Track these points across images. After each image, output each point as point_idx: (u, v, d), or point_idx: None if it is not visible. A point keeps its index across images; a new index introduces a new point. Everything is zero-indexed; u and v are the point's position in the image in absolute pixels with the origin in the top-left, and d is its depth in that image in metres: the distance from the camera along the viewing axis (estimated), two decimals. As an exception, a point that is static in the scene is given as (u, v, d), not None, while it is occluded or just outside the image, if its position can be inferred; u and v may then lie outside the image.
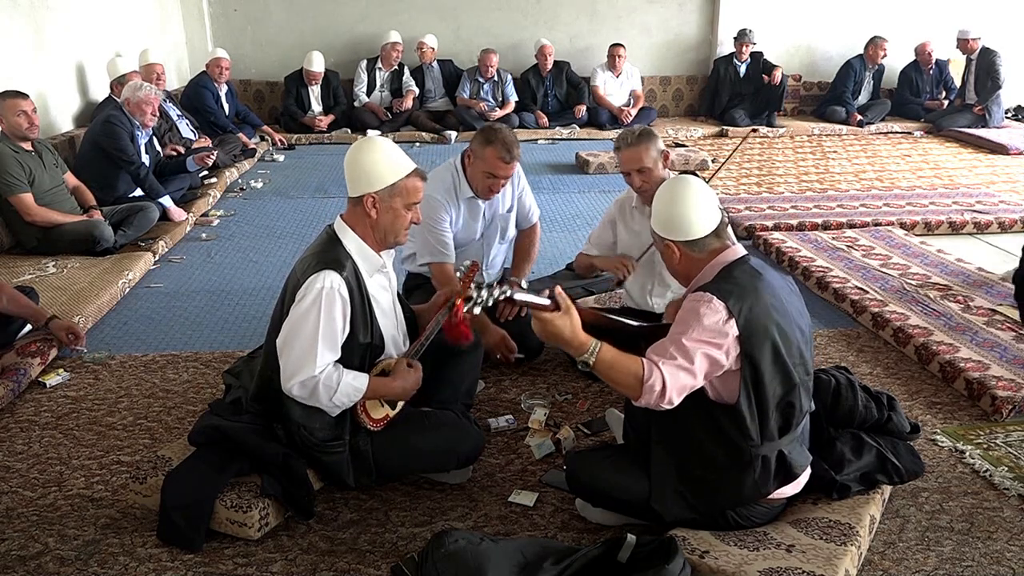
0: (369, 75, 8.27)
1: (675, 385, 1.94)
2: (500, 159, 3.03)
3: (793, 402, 2.09)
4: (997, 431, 2.83)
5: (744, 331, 1.97)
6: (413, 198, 2.35)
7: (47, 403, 3.05)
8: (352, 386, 2.25)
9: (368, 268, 2.35)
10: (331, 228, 2.38)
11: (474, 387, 2.84)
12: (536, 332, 1.99)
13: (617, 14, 8.95)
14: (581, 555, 1.98)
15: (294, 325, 2.23)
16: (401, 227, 2.37)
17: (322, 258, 2.27)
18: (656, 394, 1.93)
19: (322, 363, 2.20)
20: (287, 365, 2.23)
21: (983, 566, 2.17)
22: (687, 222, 2.11)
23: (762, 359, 2.00)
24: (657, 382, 1.93)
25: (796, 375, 2.07)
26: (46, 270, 4.18)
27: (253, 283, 4.32)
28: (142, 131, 5.13)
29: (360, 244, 2.34)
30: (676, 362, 1.94)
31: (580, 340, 1.95)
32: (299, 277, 2.26)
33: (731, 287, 2.02)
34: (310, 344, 2.20)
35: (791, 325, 2.07)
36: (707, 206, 2.13)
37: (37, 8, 5.45)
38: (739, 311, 1.97)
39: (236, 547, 2.23)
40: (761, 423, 2.06)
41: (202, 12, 8.47)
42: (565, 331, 1.94)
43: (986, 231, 5.18)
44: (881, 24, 8.69)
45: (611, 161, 6.86)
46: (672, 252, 2.16)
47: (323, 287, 2.20)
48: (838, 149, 7.74)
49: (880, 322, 3.63)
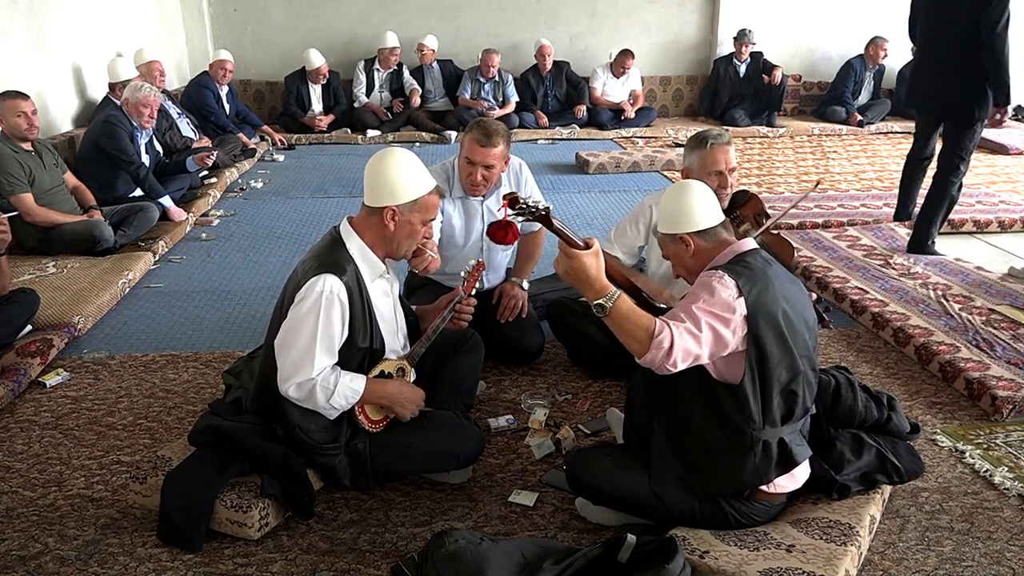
0: (367, 76, 8.27)
1: (681, 346, 1.95)
2: (476, 142, 3.01)
3: (796, 391, 2.10)
4: (997, 431, 2.83)
5: (752, 311, 2.01)
6: (430, 214, 2.37)
7: (47, 403, 3.05)
8: (350, 388, 2.25)
9: (370, 273, 2.35)
10: (336, 230, 2.38)
11: (474, 387, 2.84)
12: (559, 270, 2.01)
13: (617, 14, 8.96)
14: (581, 555, 1.98)
15: (292, 327, 2.22)
16: (414, 241, 2.39)
17: (323, 261, 2.27)
18: (663, 352, 1.94)
19: (319, 366, 2.20)
20: (284, 367, 2.23)
21: (983, 566, 2.17)
22: (697, 212, 2.17)
23: (768, 342, 2.03)
24: (666, 339, 1.93)
25: (801, 364, 2.09)
26: (46, 270, 4.18)
27: (253, 283, 4.32)
28: (141, 131, 5.13)
29: (364, 249, 2.34)
30: (686, 325, 1.98)
31: (602, 283, 1.98)
32: (299, 279, 2.26)
33: (743, 270, 2.06)
34: (308, 347, 2.19)
35: (798, 316, 2.10)
36: (712, 201, 2.22)
37: (37, 8, 5.44)
38: (749, 291, 2.01)
39: (236, 547, 2.23)
40: (764, 406, 2.07)
41: (202, 12, 8.47)
42: (591, 270, 1.96)
43: (985, 231, 5.18)
44: (881, 24, 8.69)
45: (611, 161, 6.87)
46: (685, 247, 2.19)
47: (322, 290, 2.20)
48: (838, 149, 7.75)
49: (880, 322, 3.63)
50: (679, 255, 2.23)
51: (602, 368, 3.17)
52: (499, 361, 3.25)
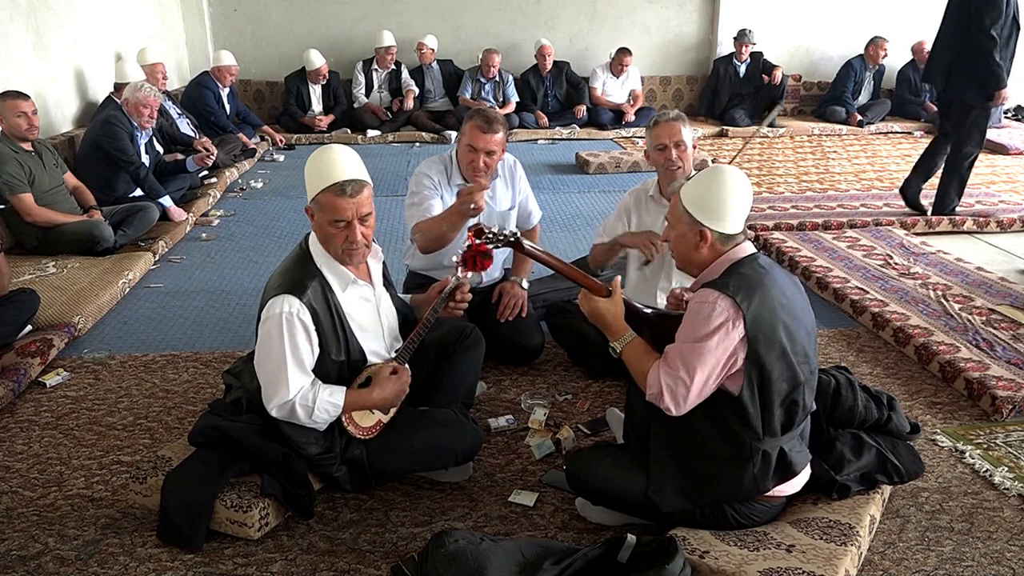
0: (366, 76, 8.28)
1: (671, 396, 2.02)
2: (477, 128, 3.03)
3: (797, 400, 2.09)
4: (997, 431, 2.83)
5: (751, 330, 1.98)
6: (332, 215, 2.19)
7: (47, 403, 3.05)
8: (329, 402, 2.24)
9: (340, 283, 2.31)
10: (304, 241, 2.34)
11: (474, 387, 2.84)
12: (582, 308, 2.21)
13: (617, 14, 8.96)
14: (581, 555, 1.98)
15: (262, 348, 2.23)
16: (336, 245, 2.23)
17: (286, 279, 2.24)
18: (654, 397, 2.06)
19: (295, 386, 2.20)
20: (264, 388, 2.24)
21: (983, 566, 2.17)
22: (730, 214, 2.07)
23: (768, 359, 2.01)
24: (654, 386, 2.05)
25: (801, 374, 2.07)
26: (46, 270, 4.18)
27: (253, 283, 4.32)
28: (141, 131, 5.13)
29: (328, 259, 2.29)
30: (679, 374, 2.01)
31: (618, 326, 2.18)
32: (266, 296, 2.26)
33: (739, 283, 2.02)
34: (279, 369, 2.19)
35: (797, 324, 2.08)
36: (748, 199, 2.13)
37: (37, 8, 5.44)
38: (747, 307, 1.98)
39: (236, 547, 2.23)
40: (764, 419, 2.06)
41: (202, 12, 8.48)
42: (607, 316, 2.18)
43: (985, 230, 5.18)
44: (881, 24, 8.69)
45: (611, 161, 6.87)
46: (697, 238, 2.09)
47: (281, 312, 2.18)
48: (838, 149, 7.74)
49: (880, 322, 3.63)
50: (686, 242, 2.13)
51: (602, 368, 3.17)
52: (499, 361, 3.25)
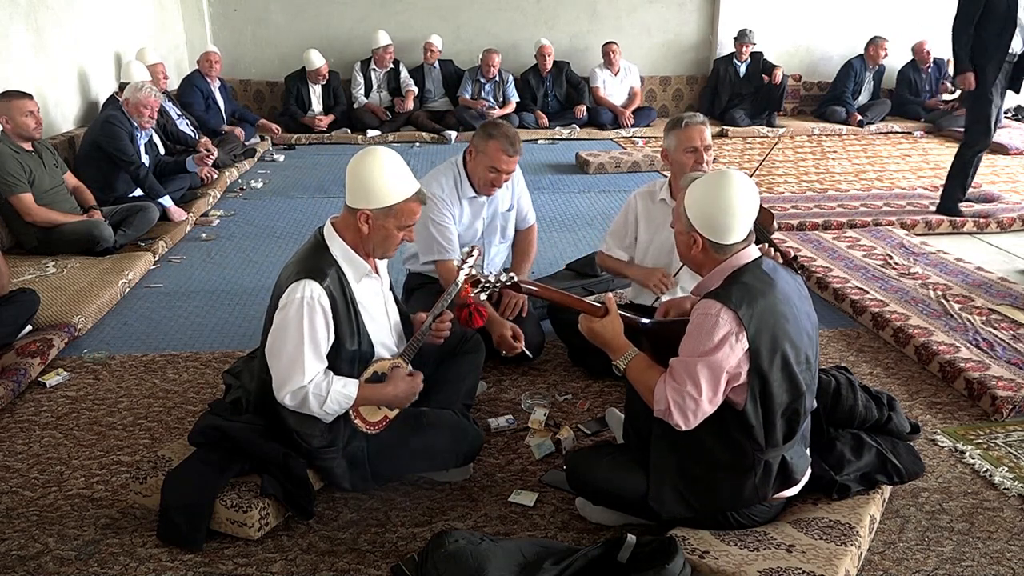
0: (365, 76, 8.27)
1: (680, 412, 2.00)
2: (503, 152, 3.05)
3: (799, 409, 2.08)
4: (997, 431, 2.83)
5: (754, 342, 1.96)
6: (408, 220, 2.31)
7: (47, 403, 3.05)
8: (342, 393, 2.24)
9: (355, 274, 2.32)
10: (319, 232, 2.35)
11: (475, 388, 2.84)
12: (582, 330, 2.20)
13: (617, 14, 8.95)
14: (581, 555, 1.98)
15: (279, 334, 2.22)
16: (391, 245, 2.33)
17: (304, 266, 2.25)
18: (662, 413, 2.03)
19: (311, 372, 2.19)
20: (277, 375, 2.23)
21: (983, 566, 2.17)
22: (727, 227, 2.03)
23: (771, 371, 2.00)
24: (661, 402, 2.02)
25: (803, 383, 2.06)
26: (46, 270, 4.18)
27: (253, 283, 4.32)
28: (141, 131, 5.13)
29: (347, 250, 2.31)
30: (685, 389, 1.98)
31: (619, 343, 2.17)
32: (283, 284, 2.26)
33: (741, 294, 1.98)
34: (296, 354, 2.19)
35: (800, 333, 2.05)
36: (752, 212, 2.06)
37: (37, 8, 5.44)
38: (750, 319, 1.95)
39: (236, 547, 2.23)
40: (767, 431, 2.05)
41: (202, 12, 8.47)
42: (607, 333, 2.17)
43: (985, 231, 5.18)
44: (881, 24, 8.69)
45: (611, 161, 6.87)
46: (694, 243, 2.09)
47: (303, 296, 2.19)
48: (838, 149, 7.74)
49: (880, 322, 3.63)
50: (685, 243, 2.13)
51: (602, 368, 3.17)
52: (499, 361, 3.25)
